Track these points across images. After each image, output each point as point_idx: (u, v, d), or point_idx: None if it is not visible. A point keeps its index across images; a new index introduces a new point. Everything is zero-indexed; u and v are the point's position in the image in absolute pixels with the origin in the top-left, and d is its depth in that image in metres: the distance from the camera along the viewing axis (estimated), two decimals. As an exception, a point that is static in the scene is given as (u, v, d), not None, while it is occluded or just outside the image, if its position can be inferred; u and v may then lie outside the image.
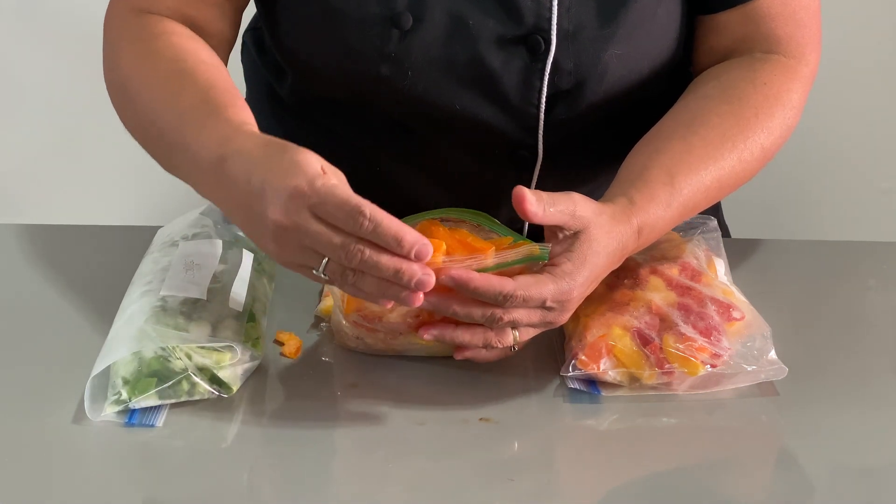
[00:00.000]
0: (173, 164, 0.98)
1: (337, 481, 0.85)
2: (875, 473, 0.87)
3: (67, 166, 2.28)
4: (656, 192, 0.96)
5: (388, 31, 1.02)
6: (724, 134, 1.02)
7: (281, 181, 0.85)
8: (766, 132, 1.04)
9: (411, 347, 0.95)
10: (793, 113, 1.07)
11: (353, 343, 0.96)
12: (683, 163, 0.99)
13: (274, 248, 0.87)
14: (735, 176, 1.02)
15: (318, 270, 0.86)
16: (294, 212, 0.84)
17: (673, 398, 0.93)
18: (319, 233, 0.84)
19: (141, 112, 1.01)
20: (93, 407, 0.88)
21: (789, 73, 1.07)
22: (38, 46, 2.18)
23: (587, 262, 0.91)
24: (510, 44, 1.03)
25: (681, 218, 1.00)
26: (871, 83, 2.17)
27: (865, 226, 2.23)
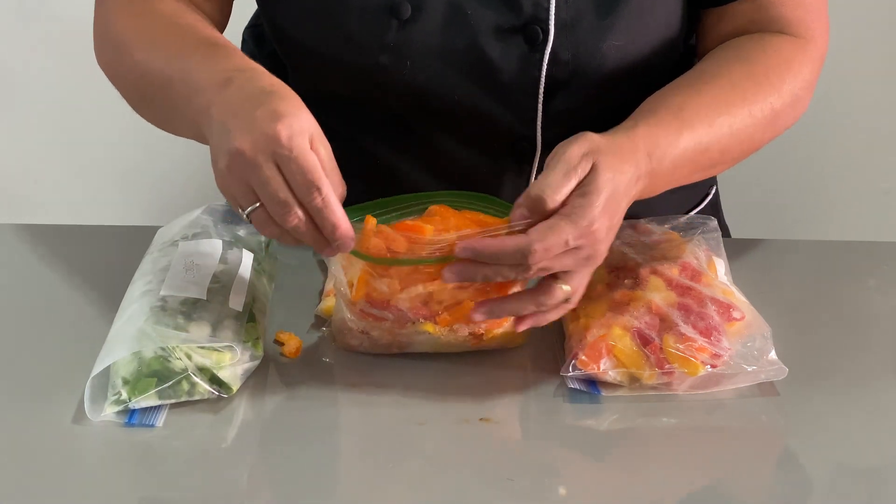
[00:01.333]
0: (169, 104, 0.98)
1: (337, 481, 0.85)
2: (875, 473, 0.86)
3: (67, 166, 2.28)
4: (663, 119, 0.95)
5: (387, 20, 1.02)
6: (734, 86, 1.01)
7: (267, 119, 0.86)
8: (777, 94, 1.03)
9: (417, 339, 0.94)
10: (802, 85, 1.06)
11: (357, 340, 0.96)
12: (693, 103, 0.98)
13: (222, 170, 0.88)
14: (746, 130, 1.01)
15: (245, 212, 0.87)
16: (260, 150, 0.85)
17: (673, 398, 0.93)
18: (270, 180, 0.85)
19: (138, 63, 1.02)
20: (93, 407, 0.88)
21: (799, 48, 1.07)
22: (38, 46, 2.18)
23: (599, 190, 0.88)
24: (508, 34, 1.03)
25: (694, 157, 0.97)
26: (871, 83, 2.17)
27: (865, 226, 2.23)
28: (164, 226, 1.09)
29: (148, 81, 1.01)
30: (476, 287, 0.91)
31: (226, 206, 1.10)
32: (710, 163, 1.00)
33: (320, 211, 0.86)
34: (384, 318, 0.93)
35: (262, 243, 1.07)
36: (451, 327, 0.93)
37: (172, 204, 1.87)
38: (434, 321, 0.92)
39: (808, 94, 1.07)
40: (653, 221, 1.10)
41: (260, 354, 0.94)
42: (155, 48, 1.01)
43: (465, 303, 0.91)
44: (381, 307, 0.92)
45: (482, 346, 0.96)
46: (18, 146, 2.27)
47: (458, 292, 0.91)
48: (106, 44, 1.08)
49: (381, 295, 0.92)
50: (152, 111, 1.05)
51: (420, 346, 0.96)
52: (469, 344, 0.96)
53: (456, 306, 0.92)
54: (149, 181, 2.30)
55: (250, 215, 0.88)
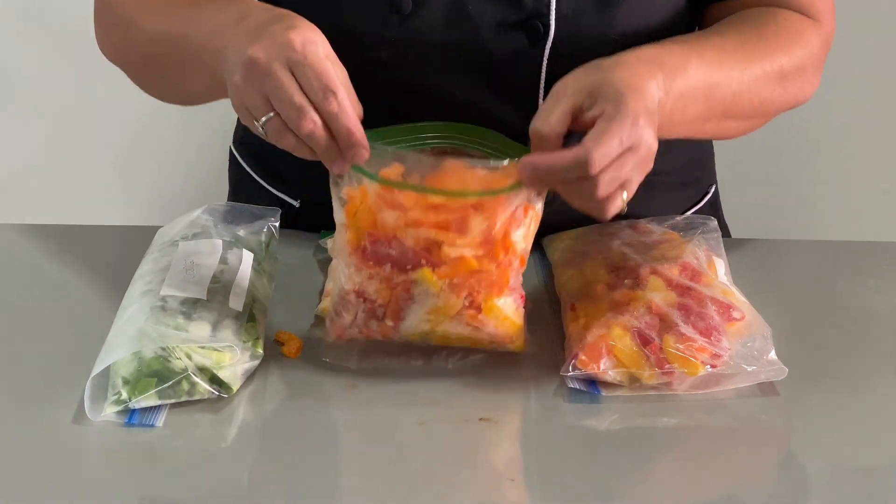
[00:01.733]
0: (184, 59, 0.99)
1: (337, 481, 0.85)
2: (875, 473, 0.86)
3: (67, 166, 2.28)
4: (669, 46, 0.95)
5: (388, 15, 1.02)
6: (743, 41, 1.01)
7: (281, 30, 0.87)
8: (785, 55, 1.03)
9: (414, 310, 0.92)
10: (811, 58, 1.06)
11: (351, 314, 0.93)
12: (700, 45, 0.98)
13: (237, 83, 0.88)
14: (756, 82, 1.00)
15: (260, 123, 0.88)
16: (274, 56, 0.86)
17: (673, 398, 0.93)
18: (285, 85, 0.86)
19: (148, 30, 1.03)
20: (93, 407, 0.88)
21: (808, 23, 1.07)
22: (38, 46, 2.18)
23: (623, 89, 0.87)
24: (509, 29, 1.03)
25: (706, 91, 0.97)
26: (871, 83, 2.17)
27: (865, 226, 2.23)
28: (164, 226, 1.09)
29: (160, 45, 1.02)
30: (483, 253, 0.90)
31: (226, 205, 1.11)
32: (723, 105, 0.98)
33: (335, 116, 0.86)
34: (385, 260, 0.90)
35: (263, 243, 1.07)
36: (450, 282, 0.90)
37: (172, 204, 1.87)
38: (433, 270, 0.90)
39: (815, 70, 1.06)
40: (653, 221, 1.10)
41: (260, 354, 0.94)
42: (163, 12, 1.03)
43: (468, 260, 0.90)
44: (384, 242, 0.90)
45: (479, 340, 0.95)
46: (18, 146, 2.27)
47: (463, 248, 0.90)
48: (109, 23, 1.09)
49: (387, 227, 0.90)
50: (164, 76, 1.05)
51: (415, 320, 0.92)
52: (465, 319, 0.92)
53: (459, 261, 0.90)
54: (149, 181, 2.30)
55: (265, 125, 0.88)
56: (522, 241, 0.92)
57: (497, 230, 0.90)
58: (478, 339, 0.95)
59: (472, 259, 0.90)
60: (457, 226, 0.89)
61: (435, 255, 0.90)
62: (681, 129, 0.98)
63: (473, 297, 0.92)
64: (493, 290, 0.92)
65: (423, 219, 0.89)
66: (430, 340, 0.95)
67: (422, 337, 0.94)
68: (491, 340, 0.95)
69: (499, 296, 0.93)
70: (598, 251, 1.06)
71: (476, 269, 0.91)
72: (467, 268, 0.91)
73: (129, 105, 2.09)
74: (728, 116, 1.01)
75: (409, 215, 0.89)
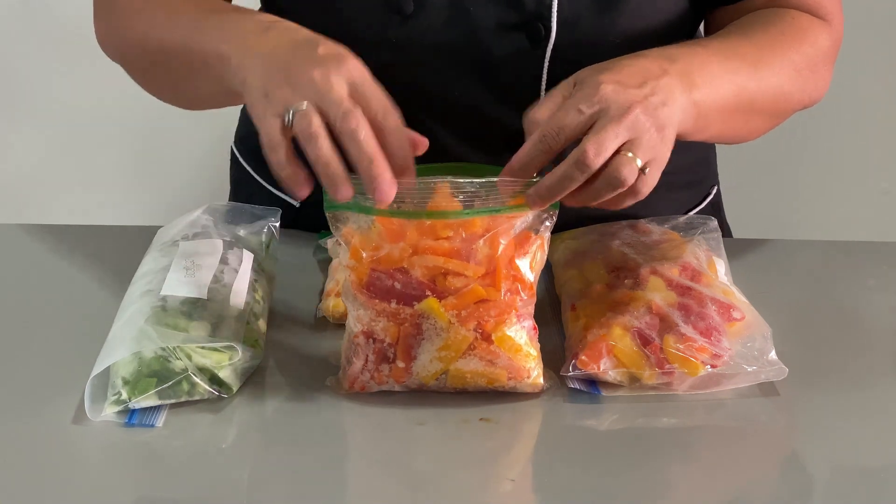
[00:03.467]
0: (189, 65, 0.98)
1: (337, 481, 0.85)
2: (875, 473, 0.86)
3: (67, 166, 2.28)
4: (676, 45, 0.96)
5: (389, 16, 1.02)
6: (754, 40, 1.01)
7: (334, 49, 0.86)
8: (797, 52, 1.03)
9: (424, 348, 0.90)
10: (821, 56, 1.05)
11: (361, 360, 0.92)
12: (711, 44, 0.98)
13: (286, 94, 0.84)
14: (774, 75, 1.00)
15: (291, 112, 0.83)
16: (333, 75, 0.84)
17: (673, 398, 0.93)
18: (338, 92, 0.83)
19: (154, 28, 1.02)
20: (93, 407, 0.88)
21: (816, 22, 1.07)
22: (39, 48, 2.18)
23: (600, 69, 0.89)
24: (510, 31, 1.03)
25: (725, 71, 0.96)
26: (871, 83, 2.17)
27: (865, 226, 2.23)
28: (164, 226, 1.09)
29: (165, 47, 1.00)
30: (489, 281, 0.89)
31: (226, 205, 1.11)
32: (749, 96, 0.98)
33: (395, 132, 0.84)
34: (390, 294, 0.89)
35: (263, 243, 1.07)
36: (458, 314, 0.89)
37: (172, 204, 1.87)
38: (440, 301, 0.89)
39: (826, 68, 1.06)
40: (653, 221, 1.10)
41: (260, 354, 0.94)
42: (168, 13, 1.01)
43: (474, 288, 0.89)
44: (388, 276, 0.89)
45: (496, 377, 0.92)
46: (19, 146, 2.27)
47: (469, 270, 0.89)
48: (110, 20, 1.08)
49: (390, 260, 0.89)
50: (166, 77, 1.04)
51: (427, 358, 0.90)
52: (478, 352, 0.90)
53: (465, 291, 0.89)
54: (149, 181, 2.30)
55: (297, 111, 0.83)
56: (529, 269, 0.91)
57: (501, 254, 0.89)
58: (494, 375, 0.91)
59: (479, 287, 0.89)
60: (461, 253, 0.89)
61: (440, 285, 0.89)
62: (713, 121, 0.96)
63: (483, 328, 0.90)
64: (503, 318, 0.90)
65: (425, 248, 0.89)
66: (446, 383, 0.92)
67: (436, 379, 0.92)
68: (508, 375, 0.92)
69: (509, 325, 0.91)
70: (598, 251, 1.06)
71: (483, 297, 0.89)
72: (474, 296, 0.89)
73: (130, 106, 2.09)
74: (754, 111, 1.00)
75: (411, 246, 0.89)
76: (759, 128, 1.05)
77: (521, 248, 0.90)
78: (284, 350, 0.98)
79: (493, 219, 0.89)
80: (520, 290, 0.90)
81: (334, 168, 0.83)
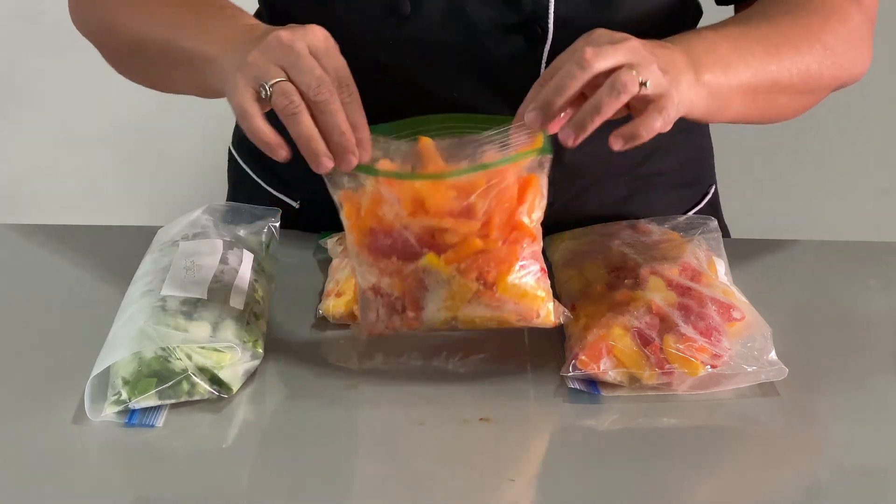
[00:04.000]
0: (165, 58, 0.99)
1: (337, 481, 0.85)
2: (875, 473, 0.86)
3: (68, 166, 2.28)
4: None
5: (387, 17, 1.02)
6: (776, 24, 1.00)
7: (303, 25, 0.88)
8: (826, 31, 1.01)
9: (428, 297, 0.91)
10: (853, 32, 1.04)
11: (374, 312, 0.92)
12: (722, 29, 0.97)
13: (254, 58, 0.87)
14: (799, 53, 0.99)
15: (269, 85, 0.86)
16: (298, 39, 0.87)
17: (673, 398, 0.93)
18: (307, 58, 0.86)
19: (133, 24, 1.03)
20: (93, 407, 0.88)
21: (853, 4, 1.06)
22: (39, 48, 2.18)
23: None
24: (507, 31, 1.03)
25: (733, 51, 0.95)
26: (871, 83, 2.17)
27: (865, 226, 2.23)
28: (164, 226, 1.09)
29: (145, 41, 1.01)
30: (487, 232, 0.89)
31: (226, 205, 1.11)
32: (770, 77, 0.97)
33: (349, 106, 0.86)
34: (390, 252, 0.90)
35: (263, 243, 1.07)
36: (458, 266, 0.89)
37: (172, 204, 1.87)
38: (439, 256, 0.90)
39: (863, 43, 1.05)
40: (653, 221, 1.10)
41: (260, 354, 0.94)
42: (154, 9, 1.02)
43: (471, 240, 0.89)
44: (386, 234, 0.89)
45: (505, 319, 0.92)
46: (19, 146, 2.27)
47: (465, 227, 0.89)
48: (88, 4, 1.08)
49: (388, 221, 0.89)
50: (143, 68, 1.05)
51: (434, 308, 0.91)
52: (483, 300, 0.91)
53: (462, 244, 0.89)
54: (149, 181, 2.30)
55: (273, 87, 0.86)
56: (528, 215, 0.91)
57: (496, 206, 0.89)
58: (504, 318, 0.92)
59: (477, 239, 0.89)
60: (454, 209, 0.89)
61: (439, 240, 0.89)
62: (732, 102, 0.96)
63: (485, 278, 0.90)
64: (504, 267, 0.90)
65: (422, 207, 0.89)
66: (458, 325, 0.92)
67: (447, 323, 0.92)
68: (518, 317, 0.92)
69: (511, 272, 0.91)
70: (598, 251, 1.06)
71: (481, 248, 0.89)
72: (472, 248, 0.89)
73: (130, 106, 2.10)
74: (779, 91, 0.99)
75: (407, 204, 0.89)
76: (790, 107, 1.03)
77: (519, 196, 0.90)
78: (284, 350, 0.98)
79: (486, 173, 0.89)
80: (519, 240, 0.91)
81: (316, 144, 0.86)
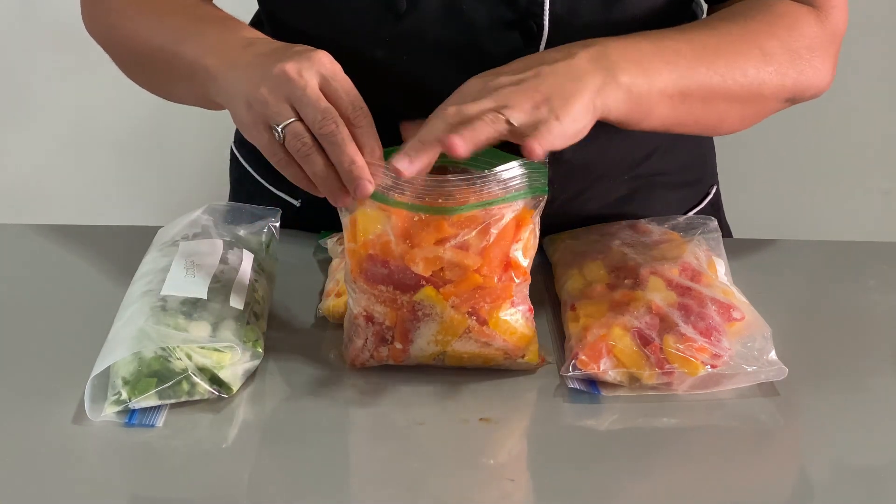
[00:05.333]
0: (174, 73, 1.01)
1: (337, 481, 0.85)
2: (875, 473, 0.87)
3: (68, 166, 2.28)
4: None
5: (383, 14, 1.02)
6: (716, 30, 0.99)
7: (308, 51, 0.90)
8: (774, 39, 1.00)
9: (421, 331, 0.91)
10: (809, 44, 1.02)
11: (362, 339, 0.93)
12: (653, 35, 0.98)
13: (262, 95, 0.89)
14: (736, 58, 0.98)
15: (280, 127, 0.88)
16: (305, 69, 0.88)
17: (673, 398, 0.93)
18: (312, 90, 0.87)
19: (139, 33, 1.04)
20: (93, 407, 0.88)
21: (804, 11, 1.04)
22: (39, 48, 2.18)
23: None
24: (503, 28, 1.03)
25: (658, 56, 0.95)
26: (871, 83, 2.17)
27: (865, 226, 2.23)
28: (164, 226, 1.09)
29: (150, 50, 1.03)
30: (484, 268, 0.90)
31: (226, 205, 1.11)
32: (701, 83, 0.96)
33: (363, 128, 0.88)
34: (387, 281, 0.90)
35: (263, 243, 1.07)
36: (453, 300, 0.90)
37: (172, 204, 1.87)
38: (438, 289, 0.90)
39: (819, 57, 1.03)
40: (653, 221, 1.10)
41: (260, 354, 0.94)
42: (155, 15, 1.03)
43: (471, 276, 0.90)
44: (384, 262, 0.90)
45: (491, 357, 0.94)
46: (19, 146, 2.27)
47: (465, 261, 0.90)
48: (99, 11, 1.10)
49: (387, 249, 0.90)
50: (148, 76, 1.07)
51: (424, 342, 0.92)
52: (473, 335, 0.92)
53: (463, 279, 0.90)
54: (150, 181, 2.30)
55: (285, 129, 0.88)
56: (523, 254, 0.92)
57: (494, 243, 0.90)
58: (490, 355, 0.94)
59: (476, 275, 0.90)
60: (458, 243, 0.89)
61: (435, 273, 0.90)
62: (657, 106, 0.95)
63: (478, 313, 0.91)
64: (497, 303, 0.92)
65: (423, 238, 0.90)
66: (444, 362, 0.94)
67: (434, 359, 0.94)
68: (504, 355, 0.94)
69: (503, 309, 0.92)
70: (598, 251, 1.06)
71: (480, 284, 0.90)
72: (471, 284, 0.90)
73: (130, 106, 2.10)
74: (715, 98, 0.98)
75: (409, 236, 0.90)
76: (733, 116, 1.02)
77: (514, 234, 0.91)
78: (284, 350, 0.98)
79: (486, 210, 0.90)
80: (514, 278, 0.92)
81: (332, 182, 0.89)
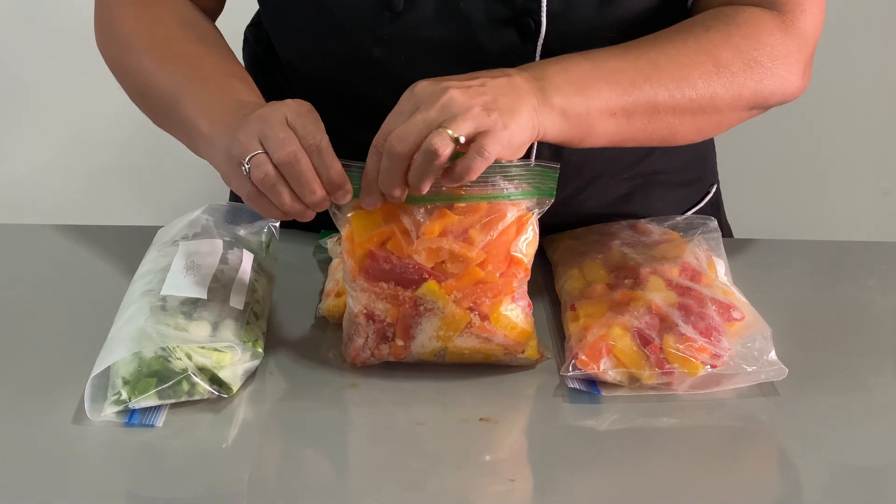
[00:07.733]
0: (172, 118, 1.03)
1: (337, 481, 0.85)
2: (875, 473, 0.86)
3: (68, 167, 2.28)
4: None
5: (380, 12, 1.03)
6: (669, 42, 0.99)
7: (282, 102, 0.92)
8: (731, 49, 0.99)
9: (423, 325, 0.92)
10: (771, 53, 1.00)
11: (362, 338, 0.94)
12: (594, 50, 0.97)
13: (241, 135, 0.91)
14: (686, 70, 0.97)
15: (246, 161, 0.90)
16: (276, 108, 0.91)
17: (673, 398, 0.93)
18: (277, 123, 0.89)
19: (146, 72, 1.06)
20: (93, 407, 0.88)
21: (769, 18, 1.02)
22: (40, 48, 2.18)
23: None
24: (501, 25, 1.03)
25: (595, 74, 0.94)
26: (870, 83, 2.17)
27: (865, 226, 2.23)
28: (164, 226, 1.09)
29: (152, 91, 1.05)
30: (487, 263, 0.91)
31: (226, 205, 1.11)
32: (646, 97, 0.95)
33: (320, 151, 0.89)
34: (388, 277, 0.91)
35: (263, 243, 1.07)
36: (455, 295, 0.91)
37: (172, 204, 1.87)
38: (440, 284, 0.91)
39: (782, 65, 1.01)
40: (653, 221, 1.10)
41: (260, 354, 0.94)
42: (162, 55, 1.05)
43: (473, 270, 0.90)
44: (386, 258, 0.91)
45: (492, 352, 0.94)
46: (19, 146, 2.27)
47: (468, 253, 0.90)
48: (110, 39, 1.11)
49: (395, 244, 0.91)
50: (151, 113, 1.08)
51: (426, 338, 0.93)
52: (474, 330, 0.92)
53: (464, 273, 0.91)
54: (150, 181, 2.30)
55: (251, 160, 0.90)
56: (525, 250, 0.93)
57: (498, 238, 0.91)
58: (490, 351, 0.94)
59: (478, 269, 0.91)
60: (462, 237, 0.90)
61: (438, 268, 0.90)
62: (599, 123, 0.95)
63: (479, 308, 0.92)
64: (499, 298, 0.92)
65: (427, 229, 0.90)
66: (444, 358, 0.94)
67: (435, 355, 0.94)
68: (504, 350, 0.94)
69: (504, 304, 0.93)
70: (598, 251, 1.06)
71: (482, 278, 0.91)
72: (473, 278, 0.91)
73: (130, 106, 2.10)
74: (662, 111, 0.97)
75: (413, 231, 0.90)
76: (687, 128, 1.00)
77: (517, 231, 0.92)
78: (284, 350, 0.98)
79: (491, 204, 0.91)
80: (516, 274, 0.92)
81: (298, 209, 0.91)
